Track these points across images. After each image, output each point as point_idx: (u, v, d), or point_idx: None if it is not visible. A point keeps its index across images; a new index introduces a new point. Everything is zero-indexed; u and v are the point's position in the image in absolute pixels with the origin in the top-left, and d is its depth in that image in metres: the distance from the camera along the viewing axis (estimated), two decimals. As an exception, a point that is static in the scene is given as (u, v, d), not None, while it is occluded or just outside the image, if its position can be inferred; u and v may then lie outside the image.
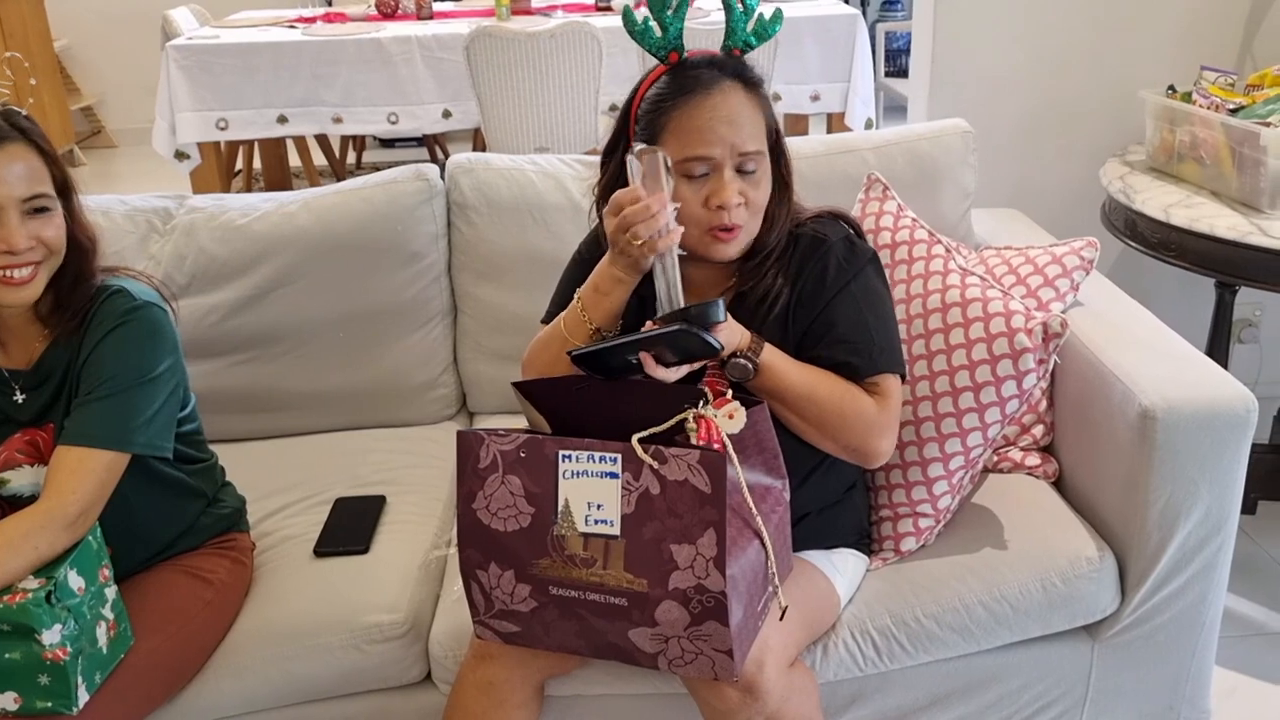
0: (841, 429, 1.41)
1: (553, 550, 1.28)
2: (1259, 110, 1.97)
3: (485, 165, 2.06)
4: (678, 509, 1.23)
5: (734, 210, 1.37)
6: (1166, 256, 2.02)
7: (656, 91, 1.40)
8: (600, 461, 1.26)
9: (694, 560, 1.23)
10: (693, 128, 1.36)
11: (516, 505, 1.30)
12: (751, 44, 1.44)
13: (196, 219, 2.00)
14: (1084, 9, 2.49)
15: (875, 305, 1.47)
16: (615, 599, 1.27)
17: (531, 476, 1.29)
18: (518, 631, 1.36)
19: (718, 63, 1.41)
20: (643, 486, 1.25)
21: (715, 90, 1.37)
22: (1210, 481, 1.56)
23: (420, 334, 2.05)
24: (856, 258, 1.47)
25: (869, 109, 4.18)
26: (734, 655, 1.26)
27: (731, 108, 1.37)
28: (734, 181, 1.37)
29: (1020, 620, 1.59)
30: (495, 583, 1.33)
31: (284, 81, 4.00)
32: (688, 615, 1.24)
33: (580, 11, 4.44)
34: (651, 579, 1.25)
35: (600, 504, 1.26)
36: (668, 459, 1.23)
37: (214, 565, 1.57)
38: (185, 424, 1.56)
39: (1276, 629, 2.14)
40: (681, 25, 1.42)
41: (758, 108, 1.40)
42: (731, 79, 1.39)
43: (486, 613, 1.36)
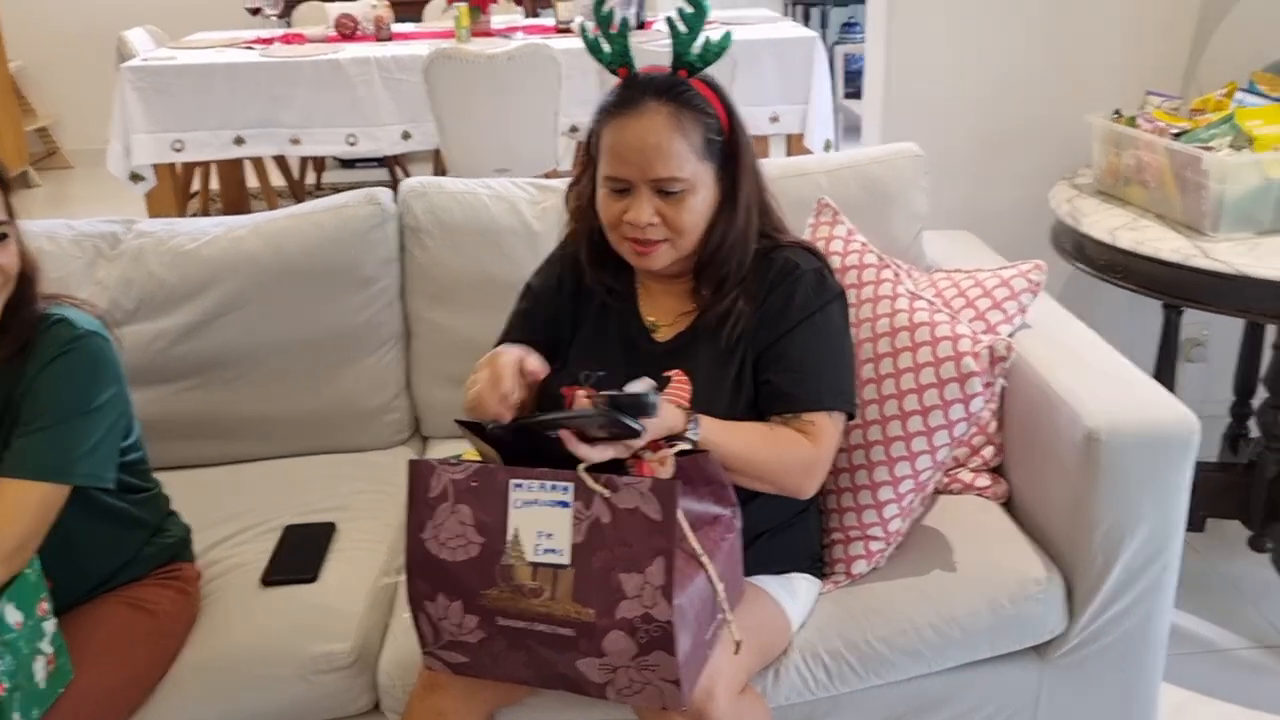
0: (778, 479, 1.43)
1: (501, 580, 1.28)
2: (1201, 135, 2.01)
3: (438, 189, 2.05)
4: (628, 538, 1.23)
5: (646, 229, 1.40)
6: (1114, 278, 2.04)
7: (603, 101, 1.45)
8: (552, 490, 1.26)
9: (642, 589, 1.23)
10: (613, 148, 1.40)
11: (466, 535, 1.29)
12: (697, 66, 1.44)
13: (144, 244, 1.98)
14: (1033, 35, 2.53)
15: (833, 341, 1.48)
16: (563, 629, 1.26)
17: (482, 506, 1.28)
18: (466, 662, 1.34)
19: (656, 83, 1.42)
20: (594, 515, 1.24)
21: (642, 112, 1.39)
22: (1154, 503, 1.58)
23: (373, 359, 2.04)
24: (825, 290, 1.48)
25: (828, 130, 4.21)
26: (681, 685, 1.25)
27: (651, 132, 1.38)
28: (649, 202, 1.40)
29: (970, 642, 1.59)
30: (443, 613, 1.32)
31: (241, 102, 3.97)
32: (635, 645, 1.24)
33: (540, 33, 4.44)
34: (599, 609, 1.24)
35: (550, 533, 1.26)
36: (620, 487, 1.24)
37: (158, 596, 1.55)
38: (129, 453, 1.54)
39: (1225, 646, 2.17)
40: (624, 43, 1.44)
41: (687, 131, 1.39)
42: (661, 100, 1.40)
43: (435, 643, 1.35)
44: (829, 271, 1.52)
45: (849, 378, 1.50)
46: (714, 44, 1.45)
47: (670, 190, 1.40)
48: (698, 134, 1.41)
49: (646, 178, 1.39)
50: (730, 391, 1.47)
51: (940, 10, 2.50)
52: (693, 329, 1.50)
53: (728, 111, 1.45)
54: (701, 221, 1.44)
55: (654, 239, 1.42)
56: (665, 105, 1.40)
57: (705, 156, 1.42)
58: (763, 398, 1.47)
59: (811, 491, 1.46)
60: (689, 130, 1.40)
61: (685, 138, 1.39)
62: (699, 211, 1.43)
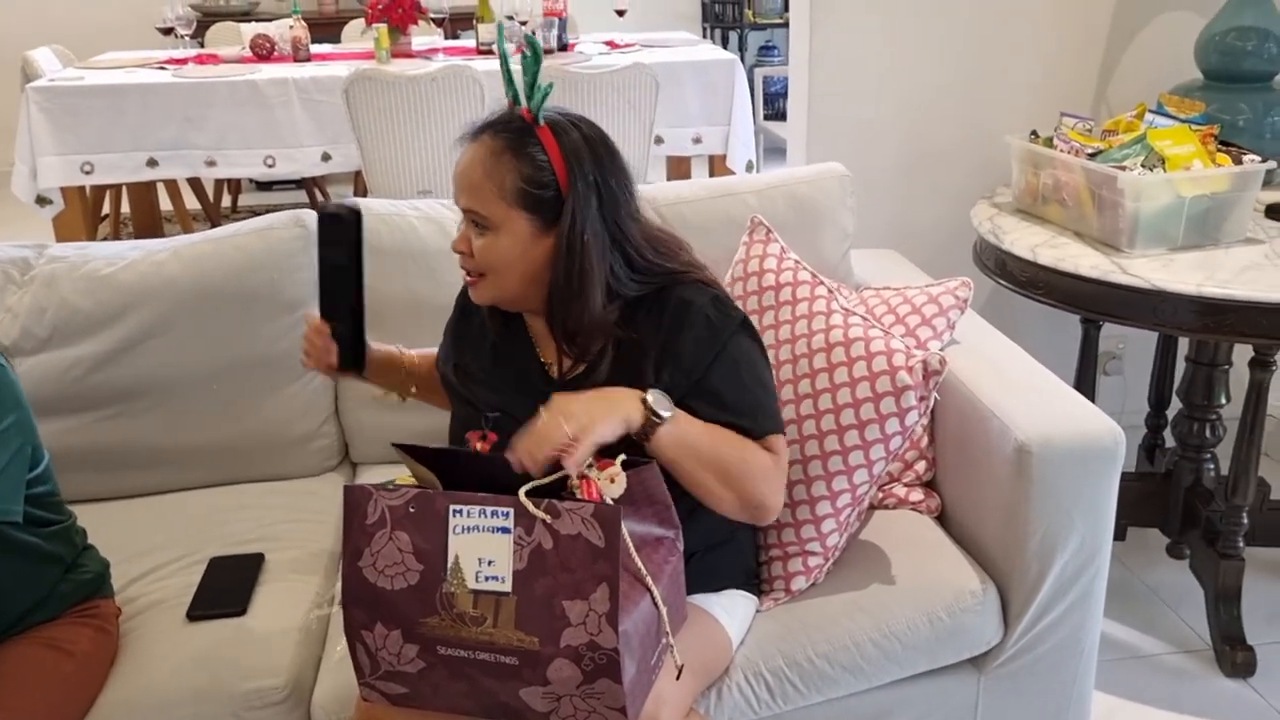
0: (743, 481, 1.38)
1: (442, 608, 1.24)
2: (1115, 155, 2.07)
3: (365, 210, 2.00)
4: (570, 564, 1.21)
5: (461, 258, 1.44)
6: (1035, 294, 2.09)
7: None
8: (492, 516, 1.24)
9: (586, 616, 1.20)
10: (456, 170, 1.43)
11: (405, 562, 1.26)
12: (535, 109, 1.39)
13: (58, 269, 1.91)
14: (948, 57, 2.59)
15: (753, 369, 1.45)
16: (506, 658, 1.24)
17: (421, 533, 1.25)
18: (405, 693, 1.31)
19: (499, 118, 1.41)
20: (535, 541, 1.22)
21: (470, 143, 1.41)
22: (1083, 512, 1.61)
23: (299, 384, 1.99)
24: (728, 320, 1.44)
25: (749, 151, 4.26)
26: (628, 712, 1.23)
27: (468, 162, 1.40)
28: (466, 231, 1.43)
29: (909, 656, 1.61)
30: (381, 643, 1.28)
31: (154, 124, 3.87)
32: (580, 673, 1.22)
33: (461, 55, 4.42)
34: (543, 636, 1.22)
35: (491, 560, 1.23)
36: (561, 513, 1.21)
37: (75, 635, 1.48)
38: (37, 485, 1.47)
39: (1150, 651, 2.22)
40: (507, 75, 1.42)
41: (498, 172, 1.37)
42: (493, 135, 1.39)
43: (372, 674, 1.31)
44: (726, 301, 1.47)
45: (776, 403, 1.49)
46: (540, 88, 1.39)
47: (479, 224, 1.41)
48: (510, 177, 1.37)
49: (457, 203, 1.42)
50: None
51: (860, 34, 2.55)
52: (589, 369, 1.46)
53: (567, 165, 1.38)
54: (514, 265, 1.40)
55: (469, 269, 1.44)
56: (492, 140, 1.39)
57: (516, 203, 1.37)
58: None
59: (774, 508, 1.42)
60: (501, 171, 1.37)
61: (491, 177, 1.37)
62: (504, 253, 1.39)
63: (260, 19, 5.68)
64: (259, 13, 6.11)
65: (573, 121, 1.42)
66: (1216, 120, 2.21)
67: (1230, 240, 2.06)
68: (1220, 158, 2.05)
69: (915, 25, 2.55)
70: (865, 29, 2.54)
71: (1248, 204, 2.05)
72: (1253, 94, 2.31)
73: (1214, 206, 2.02)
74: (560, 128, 1.40)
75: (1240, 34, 2.29)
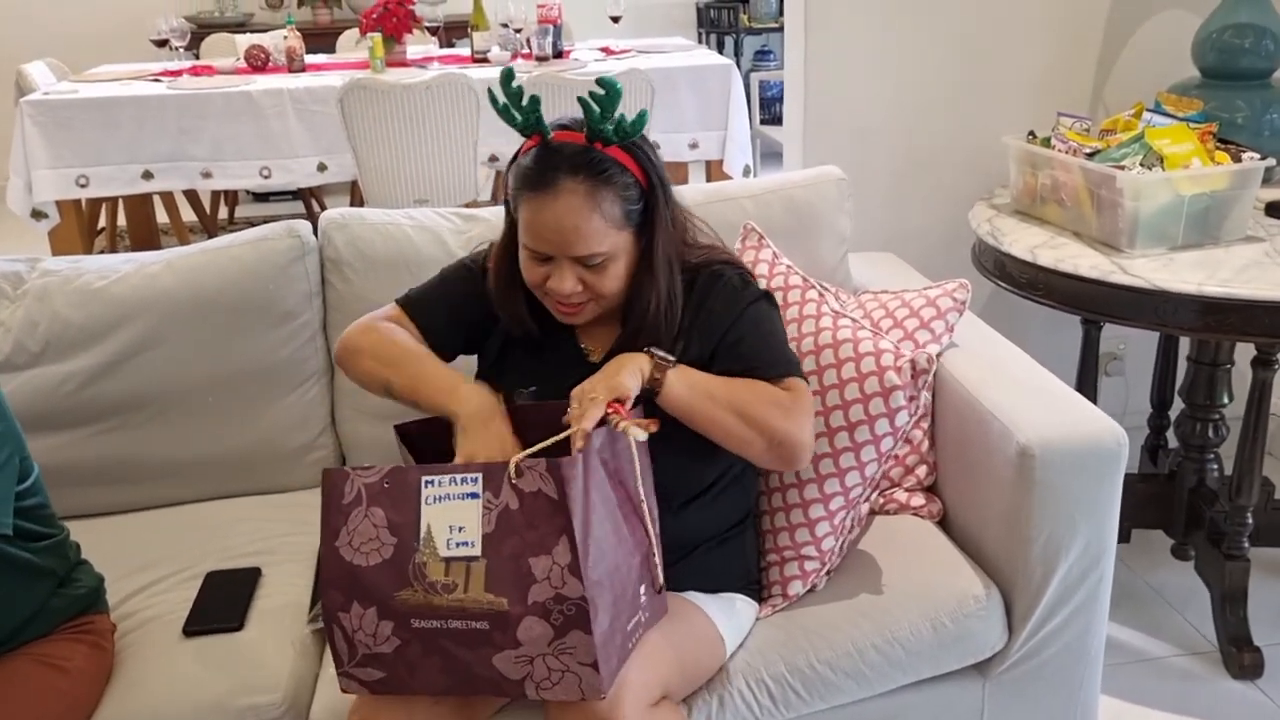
0: (761, 417, 1.40)
1: (414, 579, 1.28)
2: (1114, 154, 2.06)
3: (360, 220, 2.01)
4: (535, 521, 1.25)
5: (570, 296, 1.43)
6: (1035, 296, 2.08)
7: (518, 169, 1.44)
8: (462, 483, 1.28)
9: (550, 570, 1.24)
10: (533, 225, 1.41)
11: (379, 537, 1.30)
12: (611, 140, 1.41)
13: (50, 282, 1.90)
14: (944, 59, 2.58)
15: (773, 327, 1.53)
16: (477, 623, 1.26)
17: (395, 506, 1.29)
18: (383, 678, 1.32)
19: (570, 158, 1.39)
20: (503, 503, 1.26)
21: (558, 193, 1.38)
22: (1088, 515, 1.60)
23: (295, 395, 1.97)
24: (752, 288, 1.53)
25: (746, 156, 4.25)
26: (599, 668, 1.24)
27: (568, 214, 1.38)
28: (571, 271, 1.42)
29: (913, 662, 1.59)
30: (357, 624, 1.31)
31: (149, 136, 3.87)
32: (550, 629, 1.24)
33: (456, 63, 4.42)
34: (511, 596, 1.25)
35: (462, 526, 1.27)
36: (523, 471, 1.25)
37: (69, 652, 1.46)
38: (27, 497, 1.45)
39: (1156, 654, 2.20)
40: (535, 116, 1.43)
41: (604, 208, 1.39)
42: (575, 179, 1.38)
43: (350, 661, 1.33)
44: (751, 276, 1.56)
45: (794, 356, 1.54)
46: (628, 124, 1.41)
47: (591, 263, 1.42)
48: (616, 207, 1.40)
49: (566, 255, 1.41)
50: None
51: (855, 37, 2.54)
52: (620, 342, 1.51)
53: (644, 169, 1.44)
54: (625, 279, 1.46)
55: (576, 302, 1.45)
56: (581, 184, 1.38)
57: (624, 225, 1.42)
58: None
59: (803, 446, 1.42)
60: (606, 206, 1.39)
61: (602, 215, 1.39)
62: (621, 275, 1.46)
63: (255, 30, 5.69)
64: (253, 24, 6.11)
65: (619, 130, 1.41)
66: (1215, 118, 2.19)
67: (1231, 239, 2.05)
68: (1219, 155, 2.03)
69: (910, 27, 2.54)
70: (860, 32, 2.53)
71: (1248, 202, 2.04)
72: (1250, 91, 2.30)
73: (1214, 205, 2.01)
74: (627, 143, 1.42)
75: (1237, 31, 2.28)
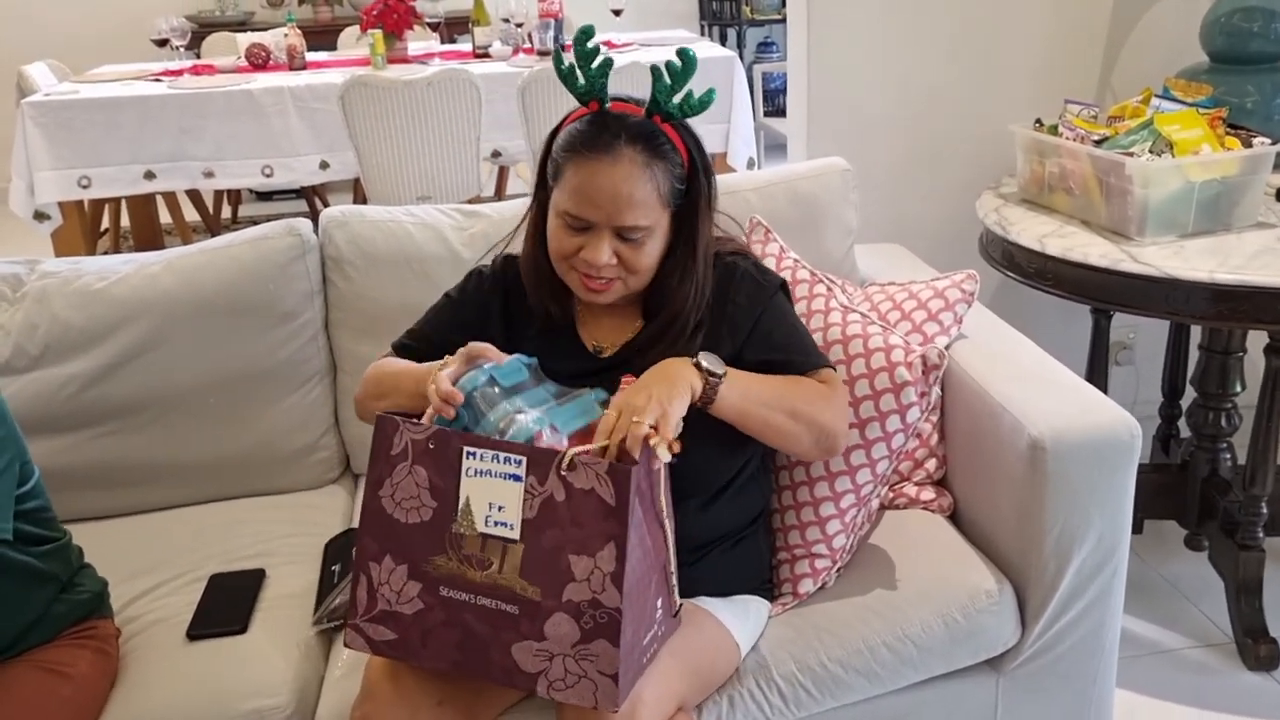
0: (812, 411, 1.41)
1: (450, 548, 1.25)
2: (1122, 141, 2.03)
3: (360, 218, 1.99)
4: (580, 519, 1.22)
5: (602, 269, 1.40)
6: (1044, 285, 2.06)
7: (570, 133, 1.42)
8: (504, 463, 1.25)
9: (591, 573, 1.21)
10: (580, 188, 1.38)
11: (420, 497, 1.27)
12: (675, 115, 1.42)
13: (49, 285, 1.88)
14: (948, 48, 2.55)
15: (794, 319, 1.54)
16: (506, 605, 1.24)
17: (437, 469, 1.27)
18: (392, 640, 1.29)
19: (631, 127, 1.39)
20: (547, 492, 1.23)
21: (617, 158, 1.37)
22: (1101, 507, 1.57)
23: (298, 395, 1.96)
24: (771, 279, 1.53)
25: (750, 148, 4.22)
26: (619, 681, 1.21)
27: (622, 180, 1.37)
28: (608, 243, 1.39)
29: (925, 659, 1.57)
30: (385, 577, 1.28)
31: (150, 136, 3.86)
32: (578, 630, 1.21)
33: (458, 59, 4.40)
34: (546, 588, 1.22)
35: (502, 505, 1.24)
36: (577, 466, 1.22)
37: (72, 657, 1.45)
38: (28, 500, 1.44)
39: (1171, 646, 2.18)
40: (603, 80, 1.42)
41: (655, 178, 1.39)
42: (634, 147, 1.38)
43: (365, 614, 1.30)
44: (763, 265, 1.57)
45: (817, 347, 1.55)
46: (694, 100, 1.43)
47: (629, 237, 1.39)
48: (666, 183, 1.40)
49: (612, 223, 1.38)
50: None
51: (860, 27, 2.51)
52: (636, 340, 1.49)
53: (690, 152, 1.44)
54: (656, 261, 1.44)
55: (608, 277, 1.41)
56: (640, 153, 1.38)
57: (668, 204, 1.42)
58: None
59: (841, 433, 1.44)
60: (660, 179, 1.39)
61: (656, 187, 1.39)
62: (655, 255, 1.44)
63: (256, 28, 5.67)
64: (254, 22, 6.10)
65: (685, 105, 1.43)
66: (1224, 103, 2.16)
67: (1242, 225, 2.02)
68: (1229, 141, 2.01)
69: (913, 15, 2.52)
70: (863, 22, 2.51)
71: (1259, 187, 2.01)
72: (1260, 75, 2.27)
73: (1225, 191, 1.98)
74: (674, 122, 1.42)
75: (1246, 15, 2.25)
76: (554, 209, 1.43)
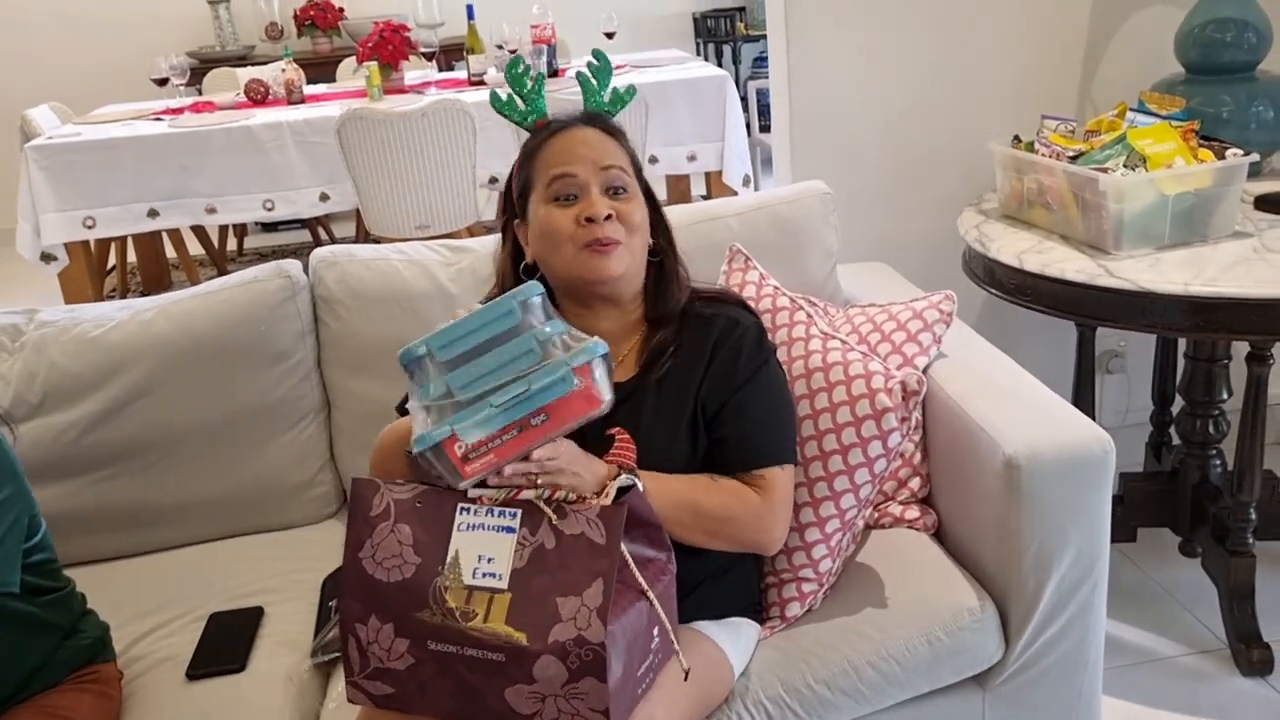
0: (729, 529, 1.44)
1: (433, 602, 1.26)
2: (1097, 156, 2.06)
3: (349, 257, 2.03)
4: (569, 562, 1.23)
5: (605, 224, 1.42)
6: (1024, 301, 2.08)
7: (527, 142, 1.51)
8: (499, 516, 1.26)
9: (578, 611, 1.22)
10: (555, 153, 1.46)
11: (403, 555, 1.28)
12: (609, 110, 1.54)
13: (47, 334, 1.93)
14: (926, 65, 2.58)
15: (780, 396, 1.53)
16: (493, 654, 1.24)
17: (424, 526, 1.28)
18: (391, 694, 1.31)
19: (579, 117, 1.52)
20: (538, 541, 1.25)
21: (574, 128, 1.49)
22: (1077, 523, 1.59)
23: (293, 433, 2.00)
24: (765, 348, 1.53)
25: (745, 165, 4.26)
26: (609, 716, 1.23)
27: (590, 138, 1.47)
28: (603, 198, 1.45)
29: (909, 677, 1.59)
30: (374, 637, 1.30)
31: (152, 175, 3.93)
32: (565, 671, 1.22)
33: (453, 87, 4.45)
34: (532, 632, 1.23)
35: (491, 557, 1.25)
36: (568, 514, 1.25)
37: (74, 702, 1.48)
38: (35, 554, 1.48)
39: (1165, 654, 2.19)
40: (541, 99, 1.52)
41: (615, 143, 1.49)
42: (590, 127, 1.49)
43: (361, 672, 1.32)
44: (764, 330, 1.56)
45: (793, 430, 1.54)
46: (620, 92, 1.54)
47: (618, 187, 1.46)
48: (628, 158, 1.50)
49: (598, 168, 1.44)
50: (686, 439, 1.47)
51: (836, 48, 2.55)
52: (636, 380, 1.50)
53: (636, 167, 1.53)
54: (644, 231, 1.49)
55: (613, 237, 1.43)
56: (596, 130, 1.49)
57: (636, 179, 1.50)
58: (716, 453, 1.48)
59: (774, 542, 1.48)
60: (622, 151, 1.50)
61: (624, 151, 1.50)
62: (641, 217, 1.48)
63: (256, 62, 5.75)
64: (255, 56, 6.18)
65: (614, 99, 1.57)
66: (1200, 114, 2.19)
67: (1219, 235, 2.04)
68: (1203, 153, 2.03)
69: (890, 35, 2.55)
70: (840, 42, 2.54)
71: (1233, 198, 2.03)
72: (1235, 85, 2.29)
73: (1199, 203, 2.01)
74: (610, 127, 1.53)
75: (1219, 25, 2.27)
76: (539, 202, 1.47)
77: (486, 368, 1.25)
